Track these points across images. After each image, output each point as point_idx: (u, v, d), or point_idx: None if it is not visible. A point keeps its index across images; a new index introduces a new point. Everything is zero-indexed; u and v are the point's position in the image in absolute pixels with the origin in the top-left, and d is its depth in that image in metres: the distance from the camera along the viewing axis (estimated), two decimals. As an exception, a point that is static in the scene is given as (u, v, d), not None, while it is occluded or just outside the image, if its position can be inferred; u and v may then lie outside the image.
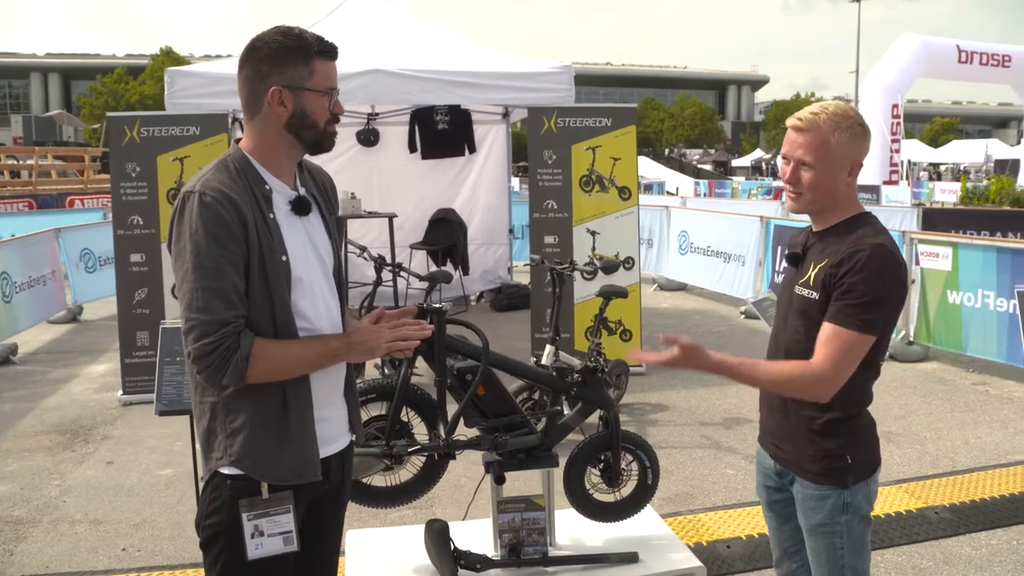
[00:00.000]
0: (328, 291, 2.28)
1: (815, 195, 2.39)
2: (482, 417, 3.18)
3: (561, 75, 7.90)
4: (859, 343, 2.27)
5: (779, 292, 2.61)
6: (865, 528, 2.45)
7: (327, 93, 2.18)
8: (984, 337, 7.52)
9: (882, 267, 2.25)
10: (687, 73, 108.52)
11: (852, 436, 2.41)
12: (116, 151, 6.95)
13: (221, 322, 2.02)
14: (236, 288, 2.05)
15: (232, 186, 2.09)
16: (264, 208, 2.13)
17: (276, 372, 2.11)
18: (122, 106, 54.96)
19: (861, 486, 2.41)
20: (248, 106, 2.19)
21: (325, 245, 2.29)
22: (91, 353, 8.92)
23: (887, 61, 24.69)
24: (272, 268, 2.10)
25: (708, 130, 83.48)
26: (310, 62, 2.14)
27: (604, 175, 7.63)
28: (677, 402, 6.86)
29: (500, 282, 11.50)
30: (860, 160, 2.40)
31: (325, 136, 2.21)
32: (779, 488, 2.61)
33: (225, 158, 2.18)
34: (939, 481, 5.12)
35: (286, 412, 2.15)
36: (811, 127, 2.36)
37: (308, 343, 2.16)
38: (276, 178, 2.21)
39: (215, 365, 2.02)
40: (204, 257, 2.02)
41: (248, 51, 2.17)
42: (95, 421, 6.59)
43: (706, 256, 11.84)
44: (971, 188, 25.79)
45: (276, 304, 2.11)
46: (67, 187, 23.12)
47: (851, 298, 2.25)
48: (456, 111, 10.44)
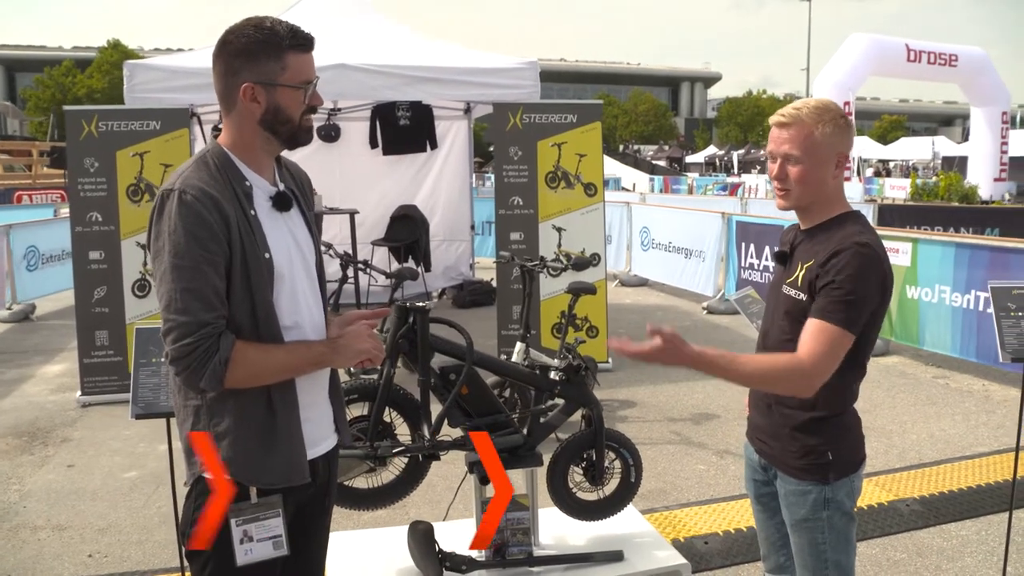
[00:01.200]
0: (309, 288, 2.23)
1: (803, 189, 2.39)
2: (466, 417, 3.14)
3: (527, 71, 7.87)
4: (842, 339, 2.25)
5: (767, 290, 2.62)
6: (848, 524, 2.46)
7: (301, 87, 2.11)
8: (941, 332, 7.67)
9: (865, 267, 2.25)
10: (641, 70, 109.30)
11: (835, 433, 2.42)
12: (74, 146, 6.76)
13: (200, 323, 1.97)
14: (216, 289, 2.00)
15: (213, 184, 2.04)
16: (245, 205, 2.08)
17: (257, 377, 2.06)
18: (69, 99, 53.72)
19: (843, 482, 2.42)
20: (223, 101, 2.13)
21: (306, 241, 2.25)
22: (45, 353, 8.69)
23: (838, 59, 25.04)
24: (255, 266, 2.05)
25: (662, 126, 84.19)
26: (282, 56, 2.08)
27: (570, 171, 7.63)
28: (645, 398, 6.88)
29: (462, 278, 11.45)
30: (846, 153, 2.40)
31: (300, 130, 2.16)
32: (766, 482, 2.63)
33: (204, 154, 2.12)
34: (908, 474, 5.20)
35: (272, 415, 2.10)
36: (794, 121, 2.37)
37: (292, 348, 2.11)
38: (256, 173, 2.16)
39: (193, 367, 1.97)
40: (183, 257, 1.96)
41: (220, 45, 2.11)
42: (53, 423, 6.41)
43: (667, 252, 11.92)
44: (920, 185, 26.27)
45: (257, 302, 2.07)
46: (14, 182, 22.53)
47: (835, 295, 2.25)
48: (418, 107, 10.38)
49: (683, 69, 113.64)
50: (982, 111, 27.20)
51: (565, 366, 3.42)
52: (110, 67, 58.37)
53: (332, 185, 10.61)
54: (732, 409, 6.51)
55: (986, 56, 26.96)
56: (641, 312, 10.83)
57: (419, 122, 10.55)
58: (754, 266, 10.09)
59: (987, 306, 7.25)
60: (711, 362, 2.27)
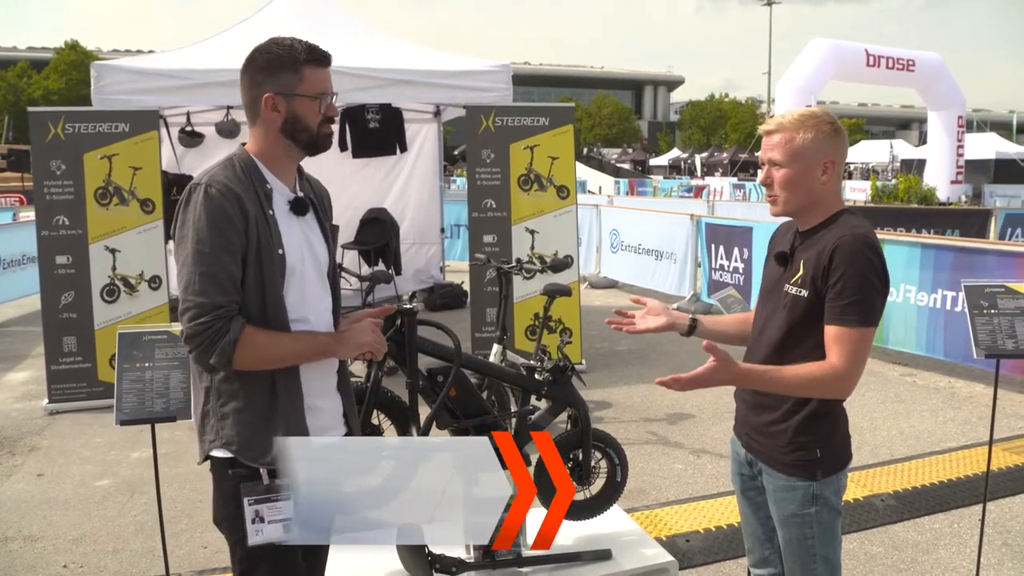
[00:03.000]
0: (321, 289, 2.38)
1: (790, 195, 2.45)
2: (454, 418, 3.14)
3: (499, 74, 7.88)
4: (865, 336, 2.32)
5: (763, 290, 2.64)
6: (835, 519, 2.50)
7: (318, 98, 2.31)
8: (907, 331, 7.81)
9: (865, 257, 2.31)
10: (604, 73, 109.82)
11: (824, 431, 2.46)
12: (39, 148, 6.63)
13: (215, 305, 2.13)
14: (232, 276, 2.16)
15: (237, 182, 2.22)
16: (264, 204, 2.26)
17: (264, 360, 2.20)
18: (23, 101, 52.67)
19: (831, 480, 2.47)
20: (249, 112, 2.34)
21: (321, 245, 2.40)
22: (8, 360, 8.52)
23: (800, 64, 25.36)
24: (268, 260, 2.21)
25: (625, 129, 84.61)
26: (300, 70, 2.28)
27: (543, 174, 7.65)
28: (620, 399, 6.92)
29: (433, 281, 11.43)
30: (834, 158, 2.44)
31: (319, 137, 2.35)
32: (752, 476, 2.66)
33: (231, 157, 2.32)
34: (881, 470, 5.29)
35: (275, 398, 2.24)
36: (778, 128, 2.45)
37: (299, 336, 2.26)
38: (277, 179, 2.34)
39: (204, 345, 2.13)
40: (204, 244, 2.14)
41: (247, 62, 2.33)
42: (20, 432, 6.28)
43: (637, 254, 11.99)
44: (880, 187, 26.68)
45: (268, 293, 2.22)
46: (-30, 186, 22.06)
47: (845, 297, 2.30)
48: (387, 110, 10.33)
49: (646, 73, 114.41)
50: (939, 115, 27.70)
51: (552, 367, 3.43)
52: (67, 67, 57.35)
53: (301, 188, 10.53)
54: (706, 409, 6.57)
55: (942, 61, 27.49)
56: (611, 314, 10.85)
57: (389, 125, 10.50)
58: (724, 267, 10.19)
59: (953, 305, 7.39)
60: (758, 377, 2.38)
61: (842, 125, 2.49)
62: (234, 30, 8.76)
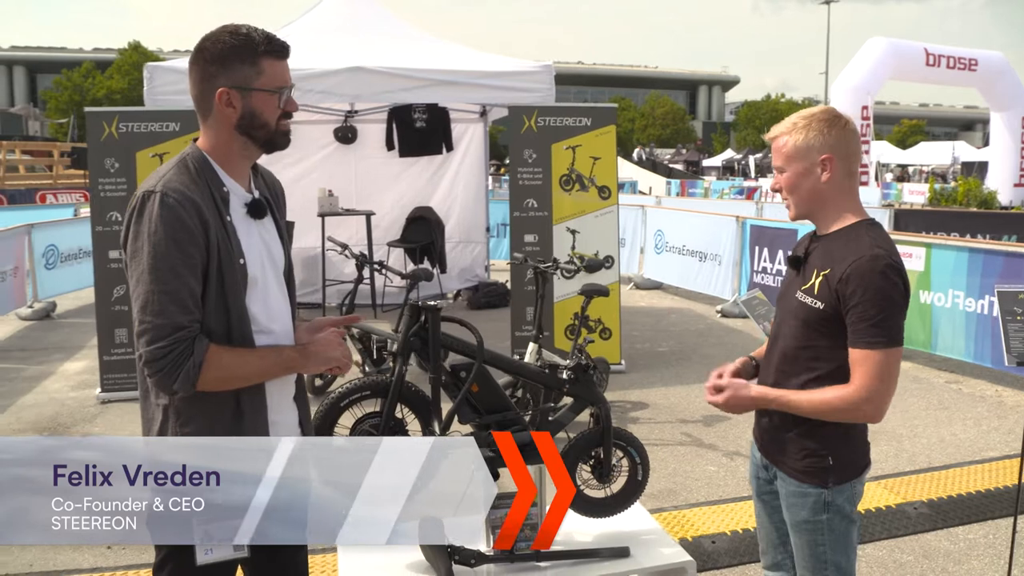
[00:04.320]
0: (280, 293, 2.29)
1: (796, 198, 2.45)
2: (476, 414, 3.19)
3: (541, 74, 7.93)
4: (890, 358, 2.29)
5: (778, 295, 2.64)
6: (848, 526, 2.47)
7: (276, 92, 2.15)
8: (954, 337, 7.66)
9: (885, 277, 2.26)
10: (658, 73, 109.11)
11: (837, 438, 2.43)
12: (94, 147, 6.86)
13: (175, 326, 2.00)
14: (192, 293, 2.03)
15: (193, 187, 2.07)
16: (222, 210, 2.12)
17: (229, 381, 2.10)
18: (88, 100, 54.24)
19: (844, 487, 2.44)
20: (199, 106, 2.17)
21: (277, 248, 2.30)
22: (66, 350, 8.82)
23: (856, 63, 24.95)
24: (229, 271, 2.10)
25: (679, 130, 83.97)
26: (257, 62, 2.12)
27: (584, 174, 7.68)
28: (657, 400, 6.92)
29: (477, 280, 11.52)
30: (833, 155, 2.37)
31: (277, 134, 2.19)
32: (768, 480, 2.66)
33: (184, 157, 2.16)
34: (917, 477, 5.22)
35: (240, 418, 2.14)
36: (776, 133, 2.48)
37: (264, 353, 2.16)
38: (233, 180, 2.20)
39: (166, 370, 2.00)
40: (162, 260, 1.99)
41: (196, 51, 2.16)
42: (74, 419, 6.52)
43: (681, 255, 11.93)
44: (939, 189, 26.17)
45: (231, 306, 2.11)
46: (36, 182, 22.80)
47: (867, 319, 2.27)
48: (434, 109, 10.45)
49: (701, 72, 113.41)
50: (1002, 116, 27.02)
51: (574, 365, 3.47)
52: (130, 68, 58.98)
53: (348, 186, 10.71)
54: (743, 411, 6.53)
55: (1006, 60, 26.82)
56: (655, 315, 10.85)
57: (435, 124, 10.63)
58: (767, 269, 10.11)
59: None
60: (774, 400, 2.43)
61: (848, 121, 2.43)
62: (283, 31, 8.93)
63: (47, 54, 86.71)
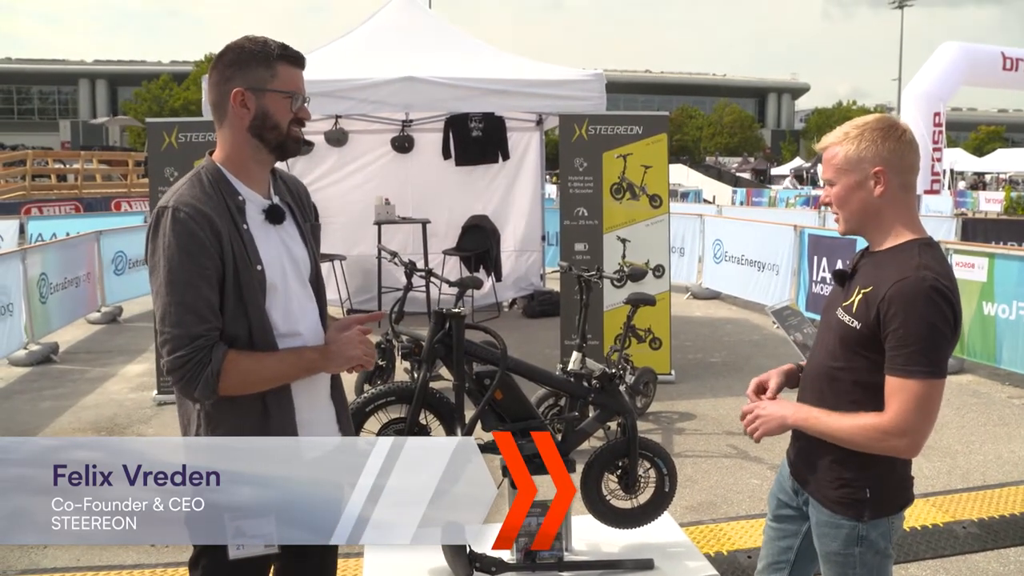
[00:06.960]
0: (305, 296, 2.32)
1: (846, 212, 2.32)
2: (500, 421, 3.21)
3: (592, 83, 7.92)
4: (930, 390, 2.14)
5: (822, 310, 2.53)
6: (883, 562, 2.34)
7: (289, 95, 2.22)
8: (1018, 350, 7.40)
9: (931, 301, 2.11)
10: (726, 81, 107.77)
11: (876, 470, 2.28)
12: (155, 156, 7.09)
13: (192, 336, 2.07)
14: (208, 302, 2.10)
15: (206, 200, 2.13)
16: (237, 219, 2.18)
17: (250, 385, 2.16)
18: (165, 111, 55.95)
19: (880, 522, 2.30)
20: (216, 110, 2.25)
21: (301, 252, 2.33)
22: (128, 353, 9.10)
23: (928, 69, 24.26)
24: (247, 278, 2.15)
25: (747, 138, 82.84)
26: (272, 65, 2.20)
27: (635, 183, 7.63)
28: (705, 411, 6.84)
29: (533, 289, 11.52)
30: (886, 168, 2.23)
31: (288, 139, 2.24)
32: (789, 504, 2.54)
33: (198, 171, 2.22)
34: (968, 495, 5.05)
35: (267, 419, 2.20)
36: (825, 145, 2.34)
37: (284, 356, 2.21)
38: (249, 188, 2.25)
39: (187, 378, 2.08)
40: (176, 272, 2.07)
41: (216, 58, 2.25)
42: (130, 420, 6.73)
43: (739, 265, 11.77)
44: (1015, 198, 25.28)
45: (251, 312, 2.16)
46: (112, 191, 23.63)
47: (906, 346, 2.13)
48: (490, 118, 10.50)
49: (770, 80, 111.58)
50: (1084, 122, 25.97)
51: (599, 374, 3.46)
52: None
53: (405, 195, 10.82)
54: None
55: (1089, 65, 25.77)
56: (711, 325, 10.72)
57: (491, 133, 10.68)
58: (826, 280, 9.90)
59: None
60: (803, 420, 2.33)
61: (905, 131, 2.27)
62: (340, 42, 9.11)
63: (127, 67, 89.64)
